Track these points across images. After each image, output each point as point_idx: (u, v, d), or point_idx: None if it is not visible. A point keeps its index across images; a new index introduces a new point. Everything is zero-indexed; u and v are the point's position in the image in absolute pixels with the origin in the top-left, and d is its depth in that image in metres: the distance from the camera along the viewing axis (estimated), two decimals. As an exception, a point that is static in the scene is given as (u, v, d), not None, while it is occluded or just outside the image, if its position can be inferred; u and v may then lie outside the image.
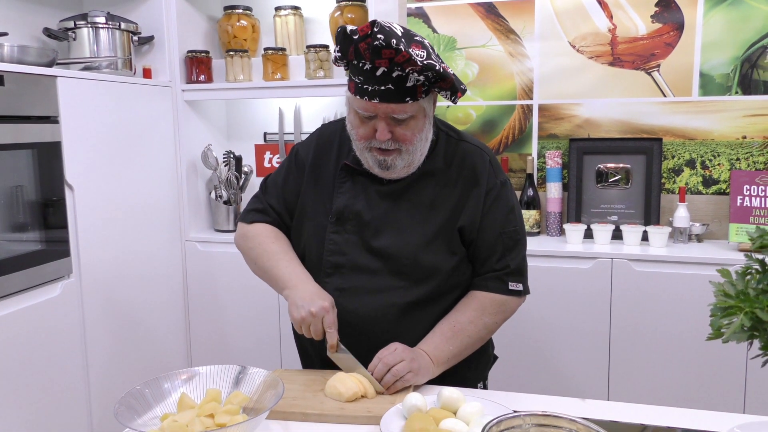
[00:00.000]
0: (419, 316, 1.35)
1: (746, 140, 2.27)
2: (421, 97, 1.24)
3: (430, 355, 1.29)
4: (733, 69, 2.25)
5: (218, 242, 2.58)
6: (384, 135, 1.25)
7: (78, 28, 2.27)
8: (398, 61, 1.18)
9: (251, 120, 2.84)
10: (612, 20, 2.34)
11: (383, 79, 1.21)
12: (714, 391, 2.08)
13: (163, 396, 1.16)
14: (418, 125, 1.27)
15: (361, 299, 1.34)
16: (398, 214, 1.34)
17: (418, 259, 1.32)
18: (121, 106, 2.23)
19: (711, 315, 0.71)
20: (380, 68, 1.20)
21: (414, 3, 2.55)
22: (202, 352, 2.64)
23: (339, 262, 1.35)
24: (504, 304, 1.36)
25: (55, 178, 1.95)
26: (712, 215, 2.33)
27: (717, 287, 0.68)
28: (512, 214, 1.37)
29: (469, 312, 1.34)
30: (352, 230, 1.35)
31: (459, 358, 1.33)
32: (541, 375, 2.24)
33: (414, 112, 1.25)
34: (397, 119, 1.25)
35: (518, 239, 1.37)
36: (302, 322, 1.27)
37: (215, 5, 2.74)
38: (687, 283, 2.07)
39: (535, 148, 2.49)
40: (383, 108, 1.23)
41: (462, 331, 1.32)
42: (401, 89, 1.21)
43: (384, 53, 1.17)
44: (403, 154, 1.28)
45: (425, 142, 1.31)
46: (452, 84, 1.22)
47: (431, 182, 1.35)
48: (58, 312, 1.95)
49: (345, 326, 1.33)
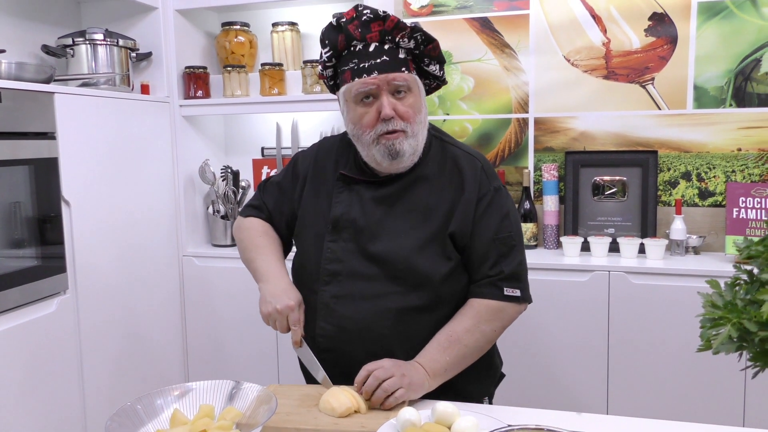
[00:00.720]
0: (415, 321, 1.33)
1: (741, 152, 2.28)
2: (413, 71, 1.32)
3: (425, 366, 1.27)
4: (727, 82, 2.27)
5: (216, 257, 2.58)
6: (389, 109, 1.29)
7: (76, 45, 2.29)
8: (388, 28, 1.27)
9: (249, 135, 2.85)
10: (606, 34, 2.36)
11: (377, 53, 1.28)
12: (713, 404, 2.07)
13: (155, 412, 1.15)
14: (417, 103, 1.33)
15: (357, 305, 1.34)
16: (393, 219, 1.36)
17: (411, 264, 1.32)
18: (118, 121, 2.24)
19: (700, 326, 0.71)
20: (372, 44, 1.28)
21: (409, 18, 2.57)
22: (199, 367, 2.63)
23: (336, 269, 1.36)
24: (501, 311, 1.34)
25: (51, 194, 1.96)
26: (708, 227, 2.33)
27: (705, 298, 0.68)
28: (507, 220, 1.36)
29: (466, 321, 1.32)
30: (349, 238, 1.36)
31: (457, 368, 1.32)
32: (538, 388, 2.23)
33: (411, 84, 1.31)
34: (398, 92, 1.30)
35: (513, 245, 1.35)
36: (268, 317, 1.33)
37: (213, 21, 2.77)
38: (684, 295, 2.07)
39: (531, 161, 2.50)
40: (383, 79, 1.28)
41: (458, 341, 1.30)
42: (395, 59, 1.29)
43: (373, 27, 1.27)
44: (408, 136, 1.31)
45: (423, 126, 1.36)
46: (439, 52, 1.32)
47: (425, 187, 1.36)
48: (54, 328, 1.95)
49: (341, 332, 1.34)
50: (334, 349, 1.35)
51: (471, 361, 1.34)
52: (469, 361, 1.33)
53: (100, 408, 2.13)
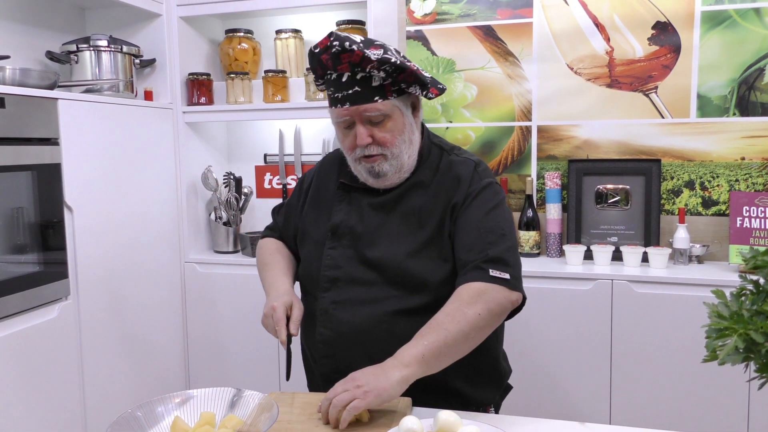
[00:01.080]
0: (413, 324, 1.28)
1: (745, 161, 2.27)
2: (391, 96, 1.29)
3: (398, 357, 1.19)
4: (731, 91, 2.26)
5: (218, 263, 2.58)
6: (363, 139, 1.30)
7: (80, 51, 2.29)
8: (355, 62, 1.25)
9: (252, 141, 2.86)
10: (609, 43, 2.36)
11: (349, 83, 1.27)
12: (717, 414, 2.06)
13: (156, 419, 1.14)
14: (397, 126, 1.31)
15: (355, 310, 1.35)
16: (390, 225, 1.37)
17: (406, 268, 1.33)
18: (122, 128, 2.24)
19: (706, 337, 0.70)
20: (344, 74, 1.27)
21: (413, 26, 2.57)
22: (200, 374, 2.62)
23: (335, 276, 1.38)
24: (484, 293, 1.24)
25: (54, 200, 1.96)
26: (712, 236, 2.32)
27: (711, 308, 0.67)
28: (495, 211, 1.33)
29: (447, 306, 1.25)
30: (348, 244, 1.38)
31: (441, 354, 1.21)
32: (540, 396, 2.22)
33: (388, 111, 1.29)
34: (373, 121, 1.30)
35: (502, 234, 1.30)
36: (263, 324, 1.37)
37: (217, 28, 2.77)
38: (688, 304, 2.06)
39: (534, 169, 2.49)
40: (355, 111, 1.29)
41: (438, 325, 1.21)
42: (368, 89, 1.27)
43: (343, 58, 1.25)
44: (388, 159, 1.32)
45: (410, 145, 1.35)
46: (415, 76, 1.27)
47: (420, 192, 1.37)
48: (55, 334, 1.94)
49: (340, 337, 1.35)
50: (334, 354, 1.36)
51: (459, 350, 1.23)
52: (455, 348, 1.22)
53: (100, 414, 2.12)
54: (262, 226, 2.78)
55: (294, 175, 2.78)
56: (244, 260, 2.54)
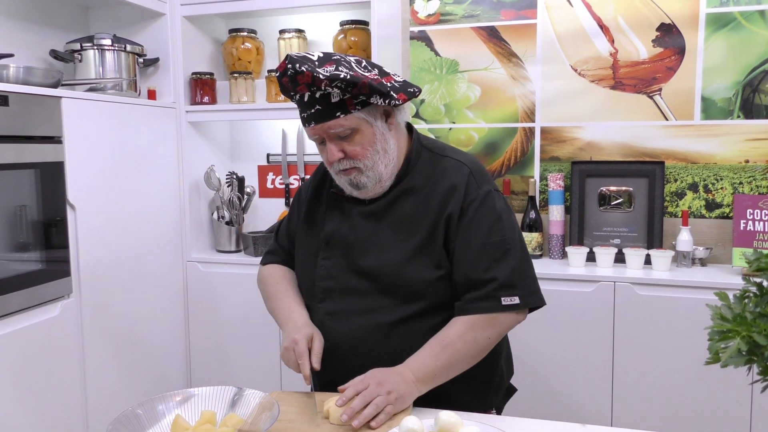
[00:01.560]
0: (408, 333, 1.32)
1: (749, 164, 2.27)
2: (354, 110, 1.26)
3: (414, 371, 1.25)
4: (735, 93, 2.26)
5: (220, 263, 2.58)
6: (333, 155, 1.30)
7: (84, 50, 2.30)
8: (308, 82, 1.24)
9: (254, 141, 2.86)
10: (613, 44, 2.36)
11: (310, 102, 1.26)
12: (719, 416, 2.05)
13: (157, 418, 1.14)
14: (366, 138, 1.29)
15: (350, 321, 1.34)
16: (381, 233, 1.35)
17: (401, 276, 1.32)
18: (125, 127, 2.24)
19: (709, 339, 0.70)
20: (305, 94, 1.26)
21: (417, 26, 2.57)
22: (201, 372, 2.62)
23: (329, 286, 1.37)
24: (496, 320, 1.30)
25: (57, 198, 1.96)
26: (715, 239, 2.31)
27: (714, 311, 0.67)
28: (499, 223, 1.32)
29: (459, 327, 1.30)
30: (341, 254, 1.37)
31: (447, 374, 1.29)
32: (542, 399, 2.21)
33: (353, 125, 1.27)
34: (341, 136, 1.29)
35: (507, 249, 1.31)
36: (283, 358, 1.33)
37: (220, 28, 2.78)
38: (691, 307, 2.05)
39: (537, 170, 2.49)
40: (320, 129, 1.28)
41: (450, 346, 1.27)
42: (329, 106, 1.26)
43: (299, 79, 1.24)
44: (363, 170, 1.31)
45: (384, 154, 1.32)
46: (371, 87, 1.23)
47: (411, 199, 1.35)
48: (57, 332, 1.94)
49: (335, 348, 1.33)
50: (330, 366, 1.33)
51: (462, 369, 1.30)
52: (461, 368, 1.30)
53: (102, 412, 2.12)
54: (264, 225, 2.79)
55: (296, 174, 2.78)
56: (247, 260, 2.54)
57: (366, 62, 1.32)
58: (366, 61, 1.32)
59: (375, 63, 1.34)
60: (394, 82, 1.30)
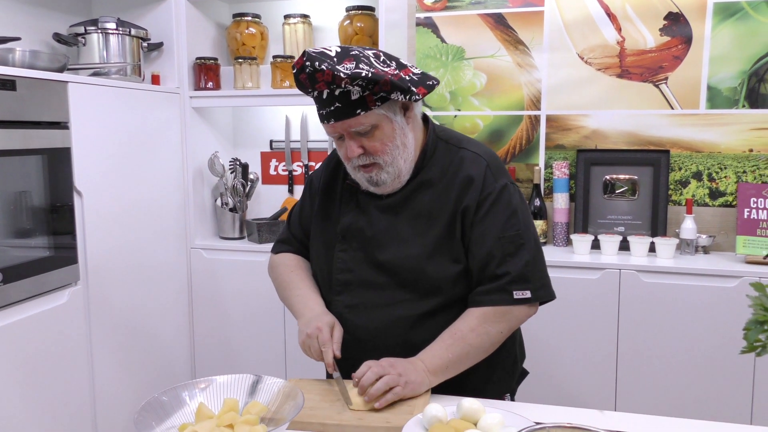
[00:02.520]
0: (427, 328, 1.33)
1: (753, 153, 2.29)
2: (374, 106, 1.25)
3: (426, 363, 1.27)
4: (741, 83, 2.27)
5: (223, 249, 2.57)
6: (353, 151, 1.28)
7: (88, 33, 2.27)
8: (328, 81, 1.21)
9: (257, 127, 2.84)
10: (621, 33, 2.36)
11: (329, 100, 1.24)
12: (721, 402, 2.08)
13: (180, 404, 1.15)
14: (387, 134, 1.28)
15: (369, 314, 1.35)
16: (399, 226, 1.35)
17: (422, 270, 1.32)
18: (129, 112, 2.22)
19: (745, 329, 0.71)
20: (323, 91, 1.24)
21: (423, 13, 2.56)
22: (206, 360, 2.62)
23: (347, 279, 1.37)
24: (508, 313, 1.31)
25: (64, 184, 1.95)
26: (718, 227, 2.34)
27: (755, 301, 0.68)
28: (514, 217, 1.32)
29: (471, 320, 1.31)
30: (358, 247, 1.37)
31: (459, 366, 1.30)
32: (548, 383, 2.24)
33: (374, 122, 1.26)
34: (361, 133, 1.27)
35: (521, 243, 1.31)
36: (303, 346, 1.33)
37: (224, 13, 2.75)
38: (695, 294, 2.08)
39: (542, 158, 2.49)
40: (340, 126, 1.27)
41: (462, 339, 1.29)
42: (349, 104, 1.24)
43: (317, 77, 1.22)
44: (383, 167, 1.30)
45: (404, 149, 1.31)
46: (392, 85, 1.22)
47: (428, 192, 1.35)
48: (64, 319, 1.94)
49: (355, 342, 1.34)
50: (350, 358, 1.34)
51: (473, 362, 1.32)
52: (473, 360, 1.31)
53: (109, 398, 2.12)
54: (268, 212, 2.78)
55: (300, 161, 2.77)
56: (250, 246, 2.54)
57: (384, 55, 1.30)
58: (384, 54, 1.31)
59: (392, 55, 1.33)
60: (412, 75, 1.29)
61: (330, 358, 1.27)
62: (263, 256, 2.49)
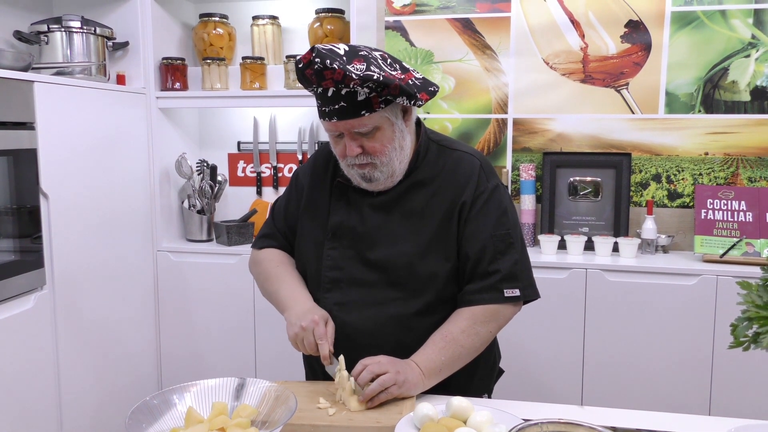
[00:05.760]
0: (418, 326, 1.35)
1: (708, 156, 2.39)
2: (378, 108, 1.26)
3: (420, 366, 1.29)
4: (697, 89, 2.38)
5: (191, 252, 2.54)
6: (352, 151, 1.29)
7: (51, 32, 2.20)
8: (337, 80, 1.22)
9: (224, 129, 2.81)
10: (584, 39, 2.43)
11: (335, 98, 1.25)
12: (681, 394, 2.18)
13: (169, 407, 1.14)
14: (387, 136, 1.30)
15: (359, 312, 1.35)
16: (391, 225, 1.36)
17: (413, 269, 1.33)
18: (95, 112, 2.17)
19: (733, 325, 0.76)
20: (329, 89, 1.24)
21: (392, 17, 2.58)
22: (173, 363, 2.58)
23: (337, 276, 1.37)
24: (497, 312, 1.35)
25: (30, 186, 1.89)
26: (676, 227, 2.44)
27: (745, 298, 0.72)
28: (504, 217, 1.36)
29: (462, 322, 1.33)
30: (348, 245, 1.37)
31: (452, 368, 1.33)
32: (518, 380, 2.28)
33: (376, 123, 1.27)
34: (362, 133, 1.28)
35: (511, 242, 1.35)
36: (295, 338, 1.32)
37: (190, 13, 2.71)
38: (656, 291, 2.16)
39: (509, 160, 2.55)
40: (342, 125, 1.27)
41: (454, 341, 1.31)
42: (354, 104, 1.24)
43: (326, 74, 1.22)
44: (378, 166, 1.31)
45: (401, 151, 1.33)
46: (400, 90, 1.24)
47: (421, 191, 1.37)
48: (30, 325, 1.88)
49: (345, 340, 1.34)
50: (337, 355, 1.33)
51: (465, 361, 1.35)
52: (464, 361, 1.34)
53: (76, 405, 2.07)
54: (236, 214, 2.75)
55: (268, 163, 2.76)
56: (219, 249, 2.51)
57: (390, 58, 1.31)
58: (389, 57, 1.32)
59: (395, 57, 1.34)
60: (414, 79, 1.30)
61: (326, 352, 1.28)
62: (232, 258, 2.47)
